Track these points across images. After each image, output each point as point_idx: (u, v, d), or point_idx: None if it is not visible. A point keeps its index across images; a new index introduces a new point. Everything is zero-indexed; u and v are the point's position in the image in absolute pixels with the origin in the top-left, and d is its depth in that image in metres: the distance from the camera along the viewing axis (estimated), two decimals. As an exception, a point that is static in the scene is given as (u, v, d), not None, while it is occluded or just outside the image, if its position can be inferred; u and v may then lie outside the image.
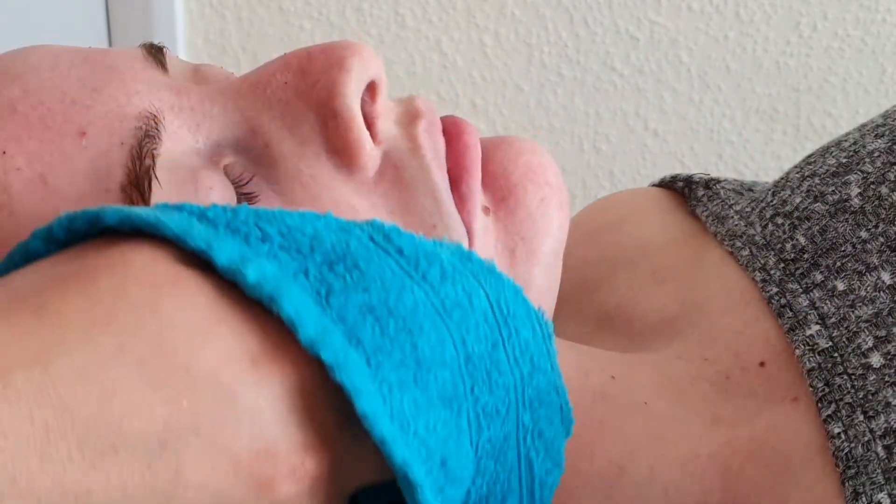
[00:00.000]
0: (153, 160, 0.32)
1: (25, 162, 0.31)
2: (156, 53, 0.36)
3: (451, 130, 0.36)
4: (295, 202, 0.33)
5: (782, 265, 0.41)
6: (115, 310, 0.23)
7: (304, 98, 0.34)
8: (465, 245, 0.35)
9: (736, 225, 0.44)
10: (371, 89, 0.35)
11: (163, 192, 0.32)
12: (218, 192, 0.32)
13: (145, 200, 0.31)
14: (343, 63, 0.33)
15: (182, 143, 0.33)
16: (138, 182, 0.31)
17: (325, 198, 0.33)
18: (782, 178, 0.46)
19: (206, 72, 0.37)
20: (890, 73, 1.15)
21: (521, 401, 0.29)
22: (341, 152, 0.34)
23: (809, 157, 0.46)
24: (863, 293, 0.38)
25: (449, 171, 0.36)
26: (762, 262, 0.41)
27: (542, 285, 0.37)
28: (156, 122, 0.33)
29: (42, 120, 0.32)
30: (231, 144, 0.34)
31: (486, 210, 0.36)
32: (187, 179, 0.32)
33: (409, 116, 0.36)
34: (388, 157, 0.35)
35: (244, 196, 0.33)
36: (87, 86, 0.33)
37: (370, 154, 0.34)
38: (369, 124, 0.34)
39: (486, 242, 0.36)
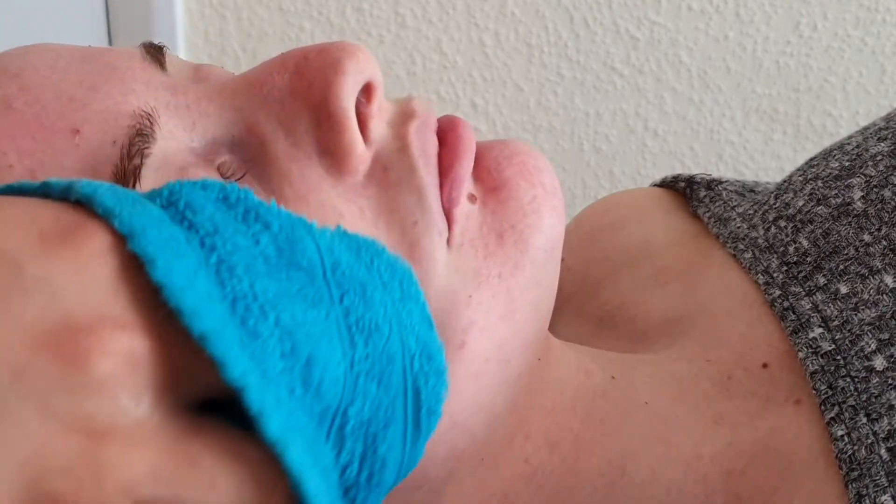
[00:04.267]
0: (142, 159, 0.32)
1: (17, 159, 0.31)
2: (155, 53, 0.35)
3: (446, 128, 0.36)
4: (282, 201, 0.33)
5: (785, 268, 0.41)
6: None
7: (299, 99, 0.34)
8: (444, 233, 0.34)
9: (738, 227, 0.44)
10: (367, 90, 0.35)
11: (145, 190, 0.31)
12: None
13: None
14: (338, 65, 0.33)
15: (177, 141, 0.33)
16: (124, 181, 0.31)
17: (311, 200, 0.33)
18: (785, 181, 0.46)
19: (206, 71, 0.37)
20: (890, 73, 1.15)
21: (402, 321, 0.26)
22: (333, 154, 0.33)
23: (812, 159, 0.46)
24: (866, 296, 0.38)
25: (440, 163, 0.35)
26: (765, 264, 0.41)
27: (532, 277, 0.36)
28: (150, 121, 0.32)
29: (37, 117, 0.32)
30: (227, 143, 0.34)
31: (472, 198, 0.35)
32: (174, 177, 0.32)
33: (403, 117, 0.36)
34: (378, 158, 0.34)
35: None
36: (85, 84, 0.33)
37: (361, 157, 0.34)
38: (362, 125, 0.34)
39: (468, 227, 0.35)
